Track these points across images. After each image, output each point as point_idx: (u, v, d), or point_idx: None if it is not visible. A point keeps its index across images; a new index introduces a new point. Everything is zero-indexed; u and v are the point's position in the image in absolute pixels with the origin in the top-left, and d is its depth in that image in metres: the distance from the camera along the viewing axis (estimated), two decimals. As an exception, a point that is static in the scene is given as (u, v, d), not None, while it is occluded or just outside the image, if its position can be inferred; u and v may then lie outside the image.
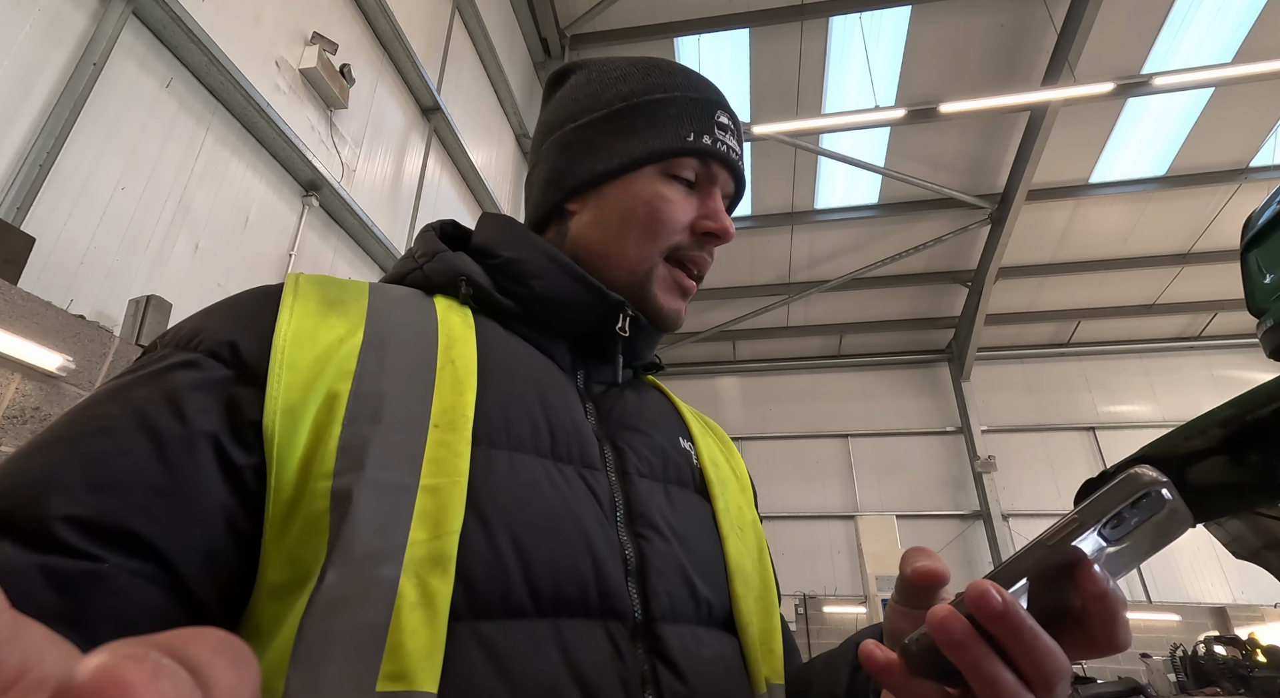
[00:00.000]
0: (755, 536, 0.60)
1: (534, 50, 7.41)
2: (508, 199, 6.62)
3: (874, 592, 6.95)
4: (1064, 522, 0.31)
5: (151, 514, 0.35)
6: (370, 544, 0.37)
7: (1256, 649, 6.39)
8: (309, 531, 0.38)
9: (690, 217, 0.58)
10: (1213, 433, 1.45)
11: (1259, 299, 1.74)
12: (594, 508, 0.47)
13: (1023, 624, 0.30)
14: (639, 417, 0.57)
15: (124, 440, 0.36)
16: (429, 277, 0.57)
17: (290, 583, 0.37)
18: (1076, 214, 8.71)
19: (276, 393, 0.40)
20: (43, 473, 0.35)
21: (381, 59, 4.53)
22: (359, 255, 4.27)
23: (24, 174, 2.28)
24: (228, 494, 0.38)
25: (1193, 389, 9.92)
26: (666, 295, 0.59)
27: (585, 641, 0.42)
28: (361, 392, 0.42)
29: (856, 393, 10.94)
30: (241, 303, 0.46)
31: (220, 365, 0.41)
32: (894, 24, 6.99)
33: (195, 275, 3.01)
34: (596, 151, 0.59)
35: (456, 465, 0.41)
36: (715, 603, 0.51)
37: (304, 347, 0.43)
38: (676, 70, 0.63)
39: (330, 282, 0.50)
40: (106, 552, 0.33)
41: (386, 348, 0.46)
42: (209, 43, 2.93)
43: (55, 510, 0.33)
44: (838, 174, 8.53)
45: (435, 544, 0.38)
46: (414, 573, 0.37)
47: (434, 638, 0.36)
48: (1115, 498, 0.30)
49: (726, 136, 0.60)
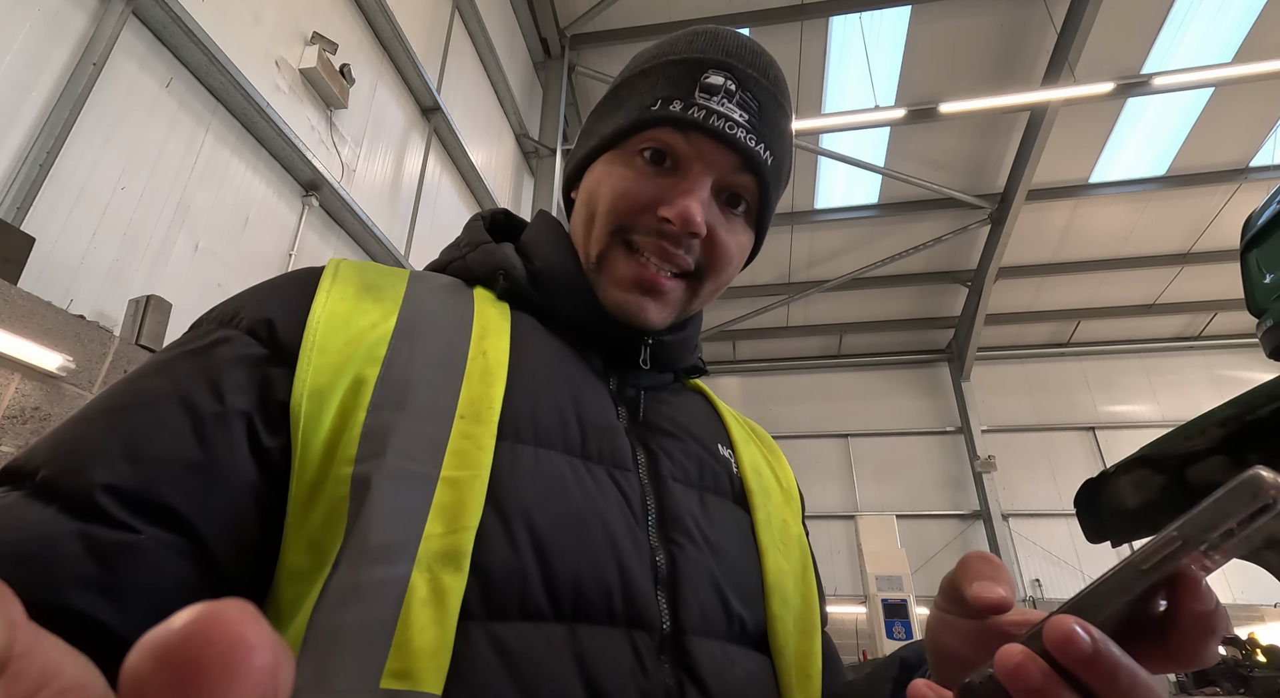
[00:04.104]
0: (800, 551, 0.56)
1: (534, 50, 7.40)
2: (508, 199, 6.62)
3: (874, 592, 6.95)
4: (1162, 541, 0.26)
5: (185, 489, 0.35)
6: (385, 535, 0.36)
7: (1256, 649, 6.38)
8: (330, 516, 0.38)
9: (649, 197, 0.51)
10: (1213, 433, 1.45)
11: (1259, 299, 1.74)
12: (623, 510, 0.44)
13: (1118, 666, 0.25)
14: (674, 421, 0.54)
15: (163, 415, 0.37)
16: (470, 267, 0.56)
17: (309, 568, 0.37)
18: (1076, 214, 8.72)
19: (305, 375, 0.40)
20: (87, 442, 0.36)
21: (381, 59, 4.53)
22: (359, 255, 4.27)
23: (24, 174, 2.28)
24: (257, 474, 0.38)
25: (1193, 389, 9.93)
26: (617, 289, 0.52)
27: (606, 650, 0.39)
28: (389, 378, 0.41)
29: (856, 393, 10.95)
30: (282, 284, 0.46)
31: (257, 344, 0.41)
32: (894, 24, 6.99)
33: (195, 275, 3.01)
34: (587, 137, 0.58)
35: (479, 459, 0.40)
36: (749, 620, 0.47)
37: (336, 330, 0.42)
38: (687, 34, 0.56)
39: (370, 267, 0.50)
40: (142, 523, 0.34)
41: (418, 335, 0.45)
42: (209, 43, 2.93)
43: (96, 479, 0.34)
44: (838, 174, 8.53)
45: (451, 539, 0.36)
46: (426, 568, 0.35)
47: (442, 637, 0.34)
48: (1228, 510, 0.25)
49: (715, 100, 0.50)
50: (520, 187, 7.04)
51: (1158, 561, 0.26)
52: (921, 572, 8.96)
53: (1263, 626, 8.11)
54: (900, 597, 6.80)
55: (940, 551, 9.63)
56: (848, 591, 9.33)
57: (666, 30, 7.19)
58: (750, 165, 0.51)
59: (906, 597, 6.79)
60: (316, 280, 0.46)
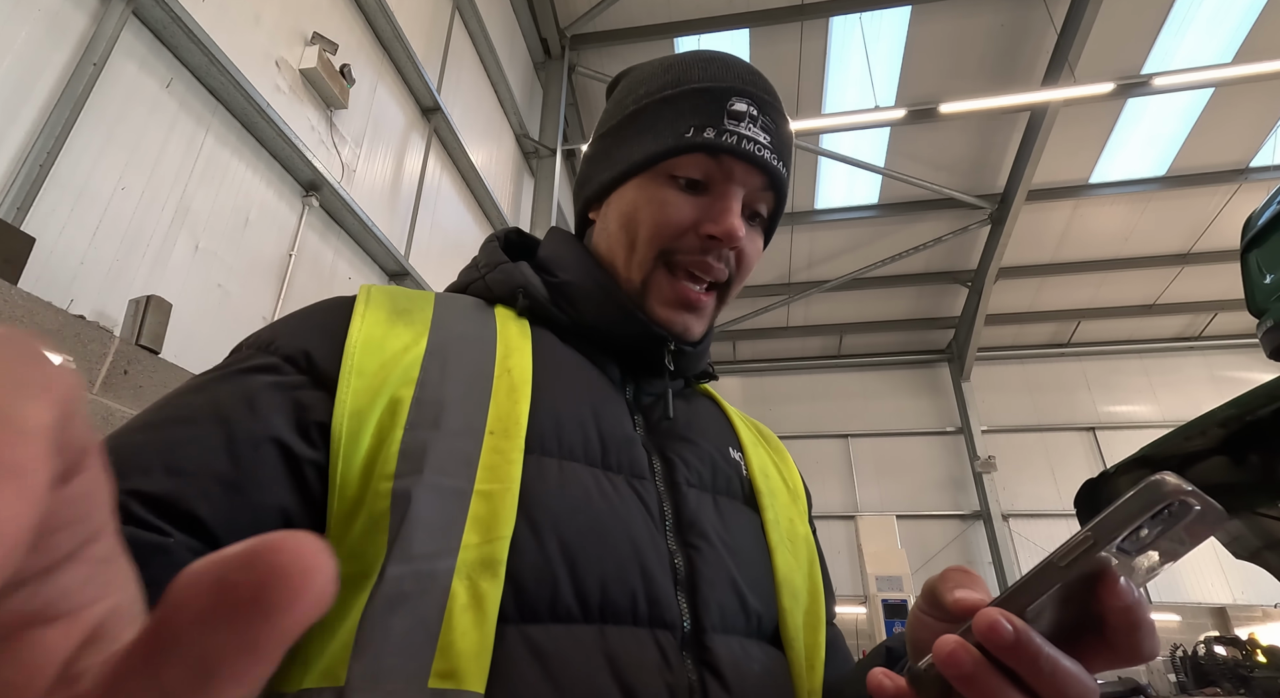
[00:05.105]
0: (807, 549, 0.59)
1: (534, 50, 7.40)
2: (508, 199, 6.62)
3: (874, 592, 6.95)
4: (1077, 540, 0.28)
5: (213, 501, 0.38)
6: (427, 545, 0.38)
7: (1256, 649, 6.39)
8: (371, 528, 0.40)
9: (691, 219, 0.55)
10: (1213, 433, 1.46)
11: (1259, 299, 1.74)
12: (643, 517, 0.47)
13: (1039, 653, 0.28)
14: (688, 427, 0.57)
15: (200, 431, 0.40)
16: (490, 287, 0.59)
17: (352, 576, 0.39)
18: (1076, 214, 8.72)
19: (345, 397, 0.43)
20: (131, 453, 0.39)
21: (381, 59, 4.53)
22: (359, 255, 4.27)
23: (24, 174, 2.28)
24: (288, 492, 0.41)
25: (1193, 389, 9.93)
26: (665, 309, 0.57)
27: (632, 648, 0.42)
28: (423, 398, 0.44)
29: (856, 393, 10.95)
30: (317, 311, 0.50)
31: (294, 370, 0.44)
32: (894, 24, 6.99)
33: (195, 275, 3.01)
34: (608, 159, 0.60)
35: (509, 472, 0.42)
36: (764, 616, 0.50)
37: (372, 354, 0.45)
38: (698, 61, 0.59)
39: (400, 292, 0.53)
40: (172, 528, 0.36)
41: (448, 356, 0.48)
42: (209, 43, 2.93)
43: (133, 485, 0.36)
44: (838, 174, 8.53)
45: (487, 548, 0.39)
46: (466, 576, 0.38)
47: (483, 639, 0.37)
48: (1132, 511, 0.27)
49: (742, 126, 0.55)
50: (520, 187, 7.04)
51: (1073, 558, 0.28)
52: (921, 572, 8.96)
53: (1263, 626, 8.11)
54: (900, 597, 6.80)
55: (940, 551, 9.63)
56: (848, 591, 9.33)
57: (666, 31, 7.20)
58: (773, 184, 0.57)
59: (906, 597, 6.79)
60: (350, 307, 0.49)
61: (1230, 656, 6.53)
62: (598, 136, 0.63)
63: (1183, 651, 7.11)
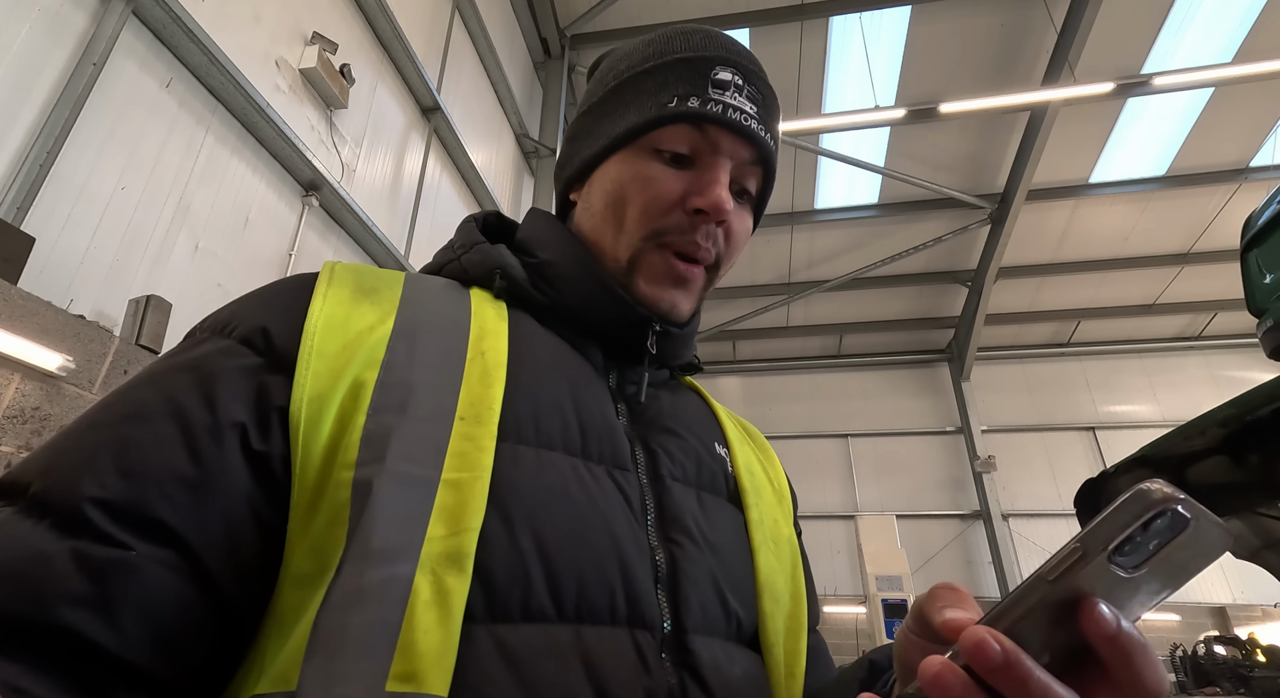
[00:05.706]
0: (790, 551, 0.57)
1: (534, 50, 7.41)
2: (508, 199, 6.62)
3: (874, 592, 6.96)
4: (1065, 551, 0.26)
5: (177, 504, 0.35)
6: (388, 538, 0.36)
7: (1256, 649, 6.39)
8: (331, 521, 0.37)
9: (677, 193, 0.52)
10: (1213, 433, 1.45)
11: (1259, 299, 1.74)
12: (624, 510, 0.45)
13: (1029, 676, 0.25)
14: (674, 419, 0.55)
15: (155, 428, 0.37)
16: (465, 268, 0.56)
17: (312, 573, 0.37)
18: (1076, 214, 8.72)
19: (304, 380, 0.40)
20: (78, 457, 0.36)
21: (381, 59, 4.53)
22: (359, 255, 4.27)
23: (24, 174, 2.28)
24: (253, 485, 0.37)
25: (1193, 389, 9.93)
26: (653, 286, 0.54)
27: (610, 650, 0.39)
28: (389, 381, 0.41)
29: (856, 393, 10.95)
30: (277, 290, 0.46)
31: (251, 353, 0.41)
32: (894, 24, 6.99)
33: (195, 275, 3.01)
34: (589, 136, 0.58)
35: (480, 460, 0.40)
36: (745, 619, 0.48)
37: (334, 334, 0.42)
38: (679, 33, 0.57)
39: (366, 270, 0.49)
40: (134, 539, 0.33)
41: (417, 337, 0.44)
42: (209, 43, 2.93)
43: (86, 493, 0.34)
44: (838, 174, 8.53)
45: (453, 541, 0.36)
46: (430, 570, 0.35)
47: (447, 639, 0.34)
48: (1120, 521, 0.25)
49: (727, 95, 0.52)
50: (520, 187, 7.04)
51: (1062, 571, 0.26)
52: (921, 572, 8.97)
53: (1263, 626, 8.12)
54: (900, 597, 6.81)
55: (940, 550, 9.64)
56: (848, 591, 9.34)
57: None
58: (760, 157, 0.54)
59: (906, 597, 6.80)
60: (312, 285, 0.46)
61: (1230, 655, 6.53)
62: (579, 115, 0.60)
63: (1182, 650, 7.11)
